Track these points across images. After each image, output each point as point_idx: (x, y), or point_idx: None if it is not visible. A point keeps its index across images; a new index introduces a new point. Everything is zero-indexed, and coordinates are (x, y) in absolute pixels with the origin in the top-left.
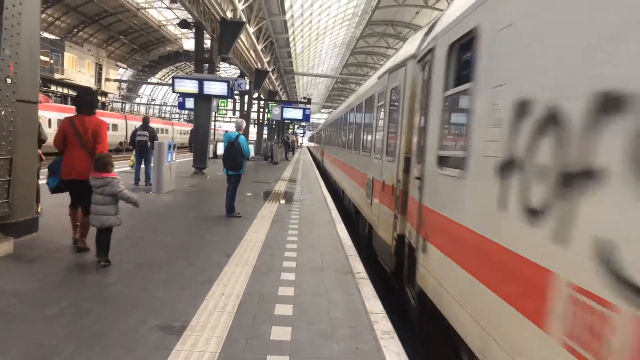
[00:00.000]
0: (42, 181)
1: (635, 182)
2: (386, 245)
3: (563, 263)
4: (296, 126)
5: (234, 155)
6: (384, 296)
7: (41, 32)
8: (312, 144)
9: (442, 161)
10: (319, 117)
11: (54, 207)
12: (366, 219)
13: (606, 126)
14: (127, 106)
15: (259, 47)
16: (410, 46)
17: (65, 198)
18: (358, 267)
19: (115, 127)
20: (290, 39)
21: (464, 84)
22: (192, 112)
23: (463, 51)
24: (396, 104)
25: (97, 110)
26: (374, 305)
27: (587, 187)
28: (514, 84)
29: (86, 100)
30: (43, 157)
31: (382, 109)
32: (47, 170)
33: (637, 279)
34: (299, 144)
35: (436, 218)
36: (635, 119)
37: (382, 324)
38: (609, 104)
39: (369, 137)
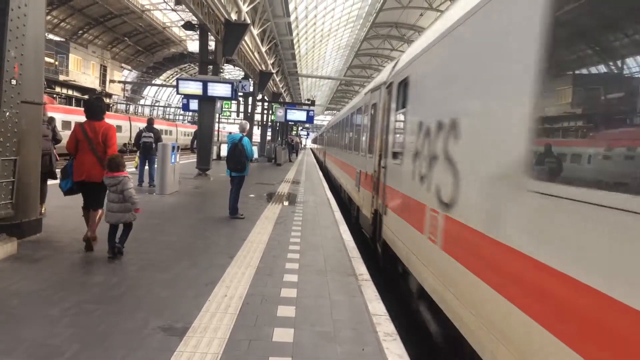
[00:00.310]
0: (50, 182)
1: (448, 162)
2: (367, 218)
3: (428, 199)
4: (300, 128)
5: (238, 157)
6: (387, 298)
7: (46, 34)
8: (315, 146)
9: (394, 155)
10: (323, 119)
11: (58, 208)
12: (355, 203)
13: (440, 136)
14: (132, 107)
15: (263, 49)
16: (384, 74)
17: (69, 200)
18: (361, 269)
19: (119, 128)
20: (295, 41)
21: (404, 107)
22: (196, 114)
23: (404, 88)
24: (374, 115)
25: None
26: (377, 307)
27: (434, 164)
28: (417, 111)
29: (96, 106)
30: (58, 157)
31: (367, 118)
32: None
33: (443, 200)
34: (302, 146)
35: (391, 191)
36: (449, 135)
37: (384, 325)
38: (444, 126)
39: (358, 140)
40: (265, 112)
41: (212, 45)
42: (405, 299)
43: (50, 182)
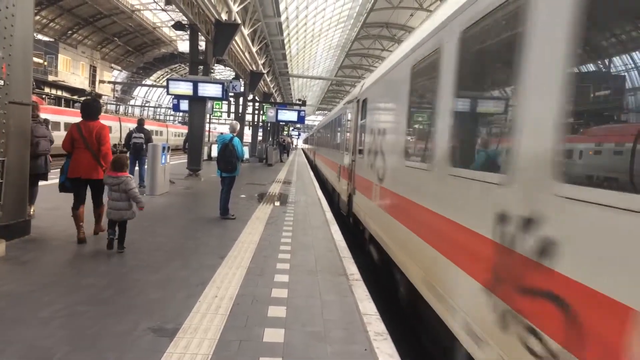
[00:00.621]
0: (42, 183)
1: (381, 154)
2: (344, 201)
3: (374, 178)
4: (291, 128)
5: (228, 157)
6: (378, 298)
7: (35, 34)
8: (306, 146)
9: (360, 152)
10: (314, 119)
11: (47, 210)
12: (337, 191)
13: (378, 138)
14: (122, 108)
15: (254, 49)
16: (355, 91)
17: (58, 202)
18: (352, 268)
19: (109, 129)
20: (285, 41)
21: (364, 118)
22: (187, 114)
23: (364, 104)
24: (350, 122)
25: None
26: (367, 306)
27: (376, 156)
28: (370, 121)
29: (92, 107)
30: (51, 158)
31: (344, 124)
32: (59, 170)
33: (379, 177)
34: (294, 146)
35: (358, 178)
36: (381, 137)
37: (375, 325)
38: (380, 133)
39: (339, 141)
40: (256, 112)
41: (202, 45)
42: (372, 263)
43: (41, 182)
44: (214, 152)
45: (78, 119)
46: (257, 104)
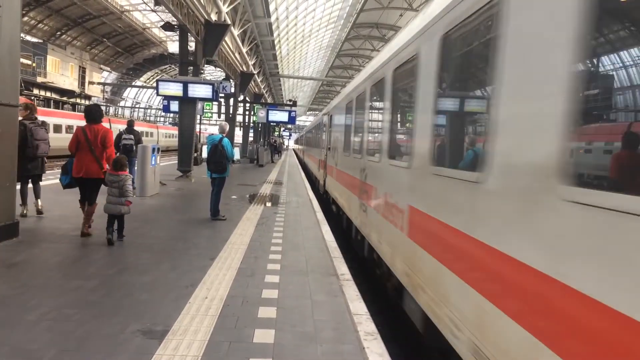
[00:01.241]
0: (46, 183)
1: (335, 149)
2: (321, 184)
3: (334, 163)
4: (282, 129)
5: (218, 158)
6: (369, 298)
7: (23, 35)
8: (297, 146)
9: (329, 149)
10: (305, 120)
11: (35, 212)
12: (318, 178)
13: (335, 138)
14: (112, 109)
15: (244, 50)
16: (328, 107)
17: (46, 204)
18: (342, 269)
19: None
20: (276, 42)
21: (331, 127)
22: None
23: (330, 117)
24: (324, 128)
25: (76, 114)
26: (358, 306)
27: (334, 150)
28: (333, 129)
29: (95, 112)
30: (46, 160)
31: (322, 130)
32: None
33: (336, 162)
34: (285, 147)
35: (329, 166)
36: (336, 138)
37: (365, 325)
38: (337, 136)
39: (319, 141)
40: (247, 113)
41: (192, 46)
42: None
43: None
44: (204, 154)
45: (70, 121)
46: (247, 104)
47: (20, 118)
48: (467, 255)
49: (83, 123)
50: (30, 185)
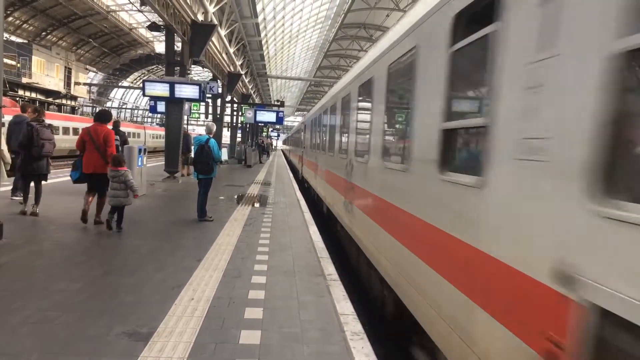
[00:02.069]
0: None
1: (305, 147)
2: (299, 173)
3: (304, 155)
4: (270, 129)
5: (205, 159)
6: (355, 297)
7: (7, 36)
8: (285, 147)
9: (306, 147)
10: (293, 120)
11: (20, 214)
12: (298, 169)
13: (307, 140)
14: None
15: (231, 50)
16: (305, 117)
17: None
18: (329, 269)
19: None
20: (263, 42)
21: (306, 133)
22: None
23: (305, 125)
24: (303, 132)
25: (64, 115)
26: (345, 306)
27: (309, 148)
28: (307, 133)
29: (105, 114)
30: (51, 160)
31: (302, 133)
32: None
33: (304, 154)
34: (273, 147)
35: (306, 159)
36: (307, 140)
37: (352, 325)
38: (309, 139)
39: (301, 141)
40: (235, 113)
41: (179, 46)
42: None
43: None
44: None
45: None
46: (235, 105)
47: (28, 119)
48: (390, 215)
49: (73, 124)
50: (32, 185)
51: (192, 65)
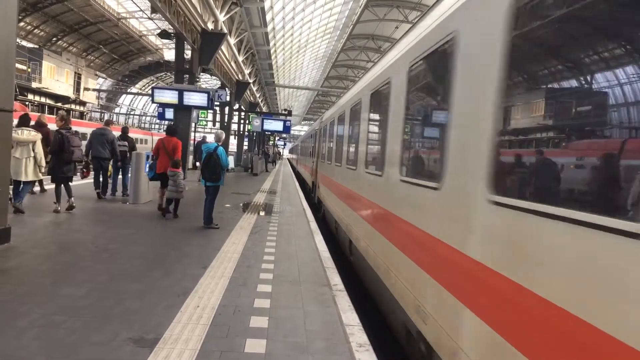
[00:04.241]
0: (79, 181)
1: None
2: (312, 193)
3: (301, 161)
4: (277, 138)
5: (213, 167)
6: (361, 308)
7: (19, 41)
8: (292, 156)
9: (322, 157)
10: (300, 129)
11: (30, 216)
12: (306, 181)
13: (310, 149)
14: (106, 116)
15: (240, 59)
16: (314, 125)
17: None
18: (335, 279)
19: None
20: (272, 51)
21: (322, 136)
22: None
23: (324, 129)
24: (310, 142)
25: (73, 120)
26: (350, 317)
27: (308, 158)
28: (324, 137)
29: (173, 128)
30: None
31: (313, 139)
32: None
33: (303, 160)
34: (280, 156)
35: (323, 175)
36: (311, 150)
37: (357, 336)
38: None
39: (310, 151)
40: (242, 121)
41: (188, 54)
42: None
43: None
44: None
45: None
46: (242, 113)
47: (56, 128)
48: (369, 207)
49: (81, 129)
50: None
51: (201, 73)
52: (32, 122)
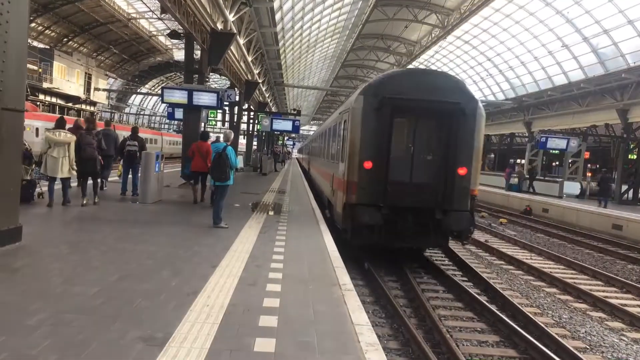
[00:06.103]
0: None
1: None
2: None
3: (305, 160)
4: (286, 137)
5: (222, 166)
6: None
7: (30, 41)
8: (300, 155)
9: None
10: (309, 129)
11: (39, 216)
12: (310, 173)
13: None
14: (117, 116)
15: (249, 59)
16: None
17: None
18: (344, 279)
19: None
20: (281, 51)
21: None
22: (182, 123)
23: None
24: (313, 146)
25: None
26: (360, 317)
27: (315, 156)
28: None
29: (205, 134)
30: (102, 161)
31: (315, 143)
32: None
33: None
34: (290, 156)
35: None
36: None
37: (367, 335)
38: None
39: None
40: (251, 121)
41: (198, 54)
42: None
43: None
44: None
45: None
46: (252, 113)
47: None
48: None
49: None
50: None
51: (210, 73)
52: (69, 126)
